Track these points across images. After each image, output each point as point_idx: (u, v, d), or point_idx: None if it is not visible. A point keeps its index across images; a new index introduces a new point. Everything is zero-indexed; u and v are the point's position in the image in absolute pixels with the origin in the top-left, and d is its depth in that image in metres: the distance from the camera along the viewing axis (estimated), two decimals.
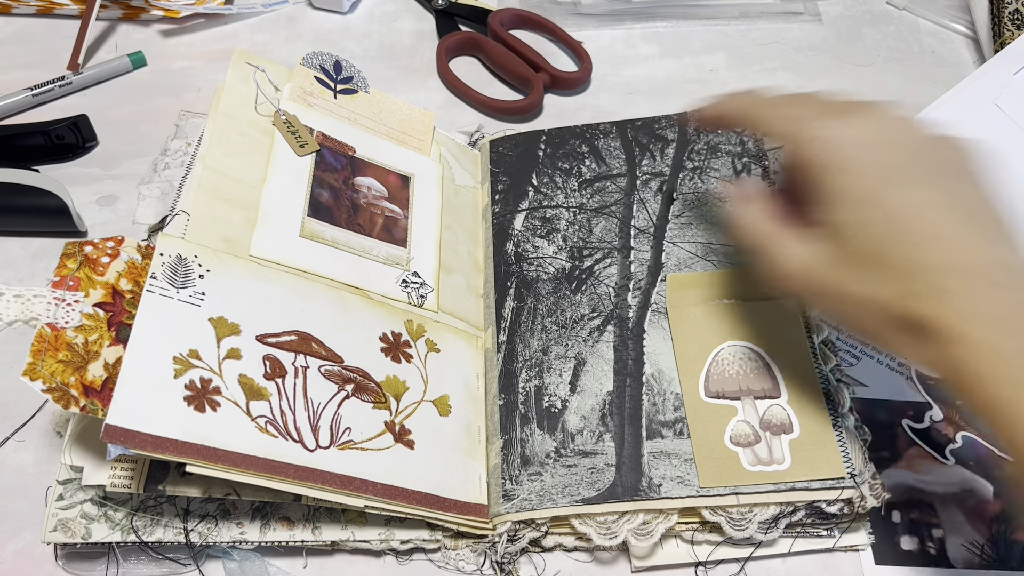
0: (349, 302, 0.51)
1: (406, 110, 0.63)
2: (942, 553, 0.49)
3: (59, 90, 0.71)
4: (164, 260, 0.46)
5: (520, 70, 0.72)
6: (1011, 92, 0.65)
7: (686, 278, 0.54)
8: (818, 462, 0.46)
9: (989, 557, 0.48)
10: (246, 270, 0.49)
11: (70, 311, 0.42)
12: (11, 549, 0.49)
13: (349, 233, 0.54)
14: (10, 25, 0.77)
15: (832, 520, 0.48)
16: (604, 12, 0.78)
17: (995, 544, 0.49)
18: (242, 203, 0.52)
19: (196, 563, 0.48)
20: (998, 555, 0.48)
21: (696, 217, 0.57)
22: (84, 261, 0.45)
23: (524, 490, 0.48)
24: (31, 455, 0.52)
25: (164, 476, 0.45)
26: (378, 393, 0.49)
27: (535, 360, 0.53)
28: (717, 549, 0.48)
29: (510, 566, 0.48)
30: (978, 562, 0.48)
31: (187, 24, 0.77)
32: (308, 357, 0.48)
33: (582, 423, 0.50)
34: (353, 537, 0.48)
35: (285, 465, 0.43)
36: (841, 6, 0.80)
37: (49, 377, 0.40)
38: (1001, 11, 0.71)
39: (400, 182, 0.59)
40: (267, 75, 0.58)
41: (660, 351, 0.52)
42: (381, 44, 0.77)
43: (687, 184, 0.58)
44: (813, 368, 0.49)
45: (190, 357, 0.44)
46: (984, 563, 0.48)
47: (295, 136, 0.56)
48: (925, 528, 0.49)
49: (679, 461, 0.48)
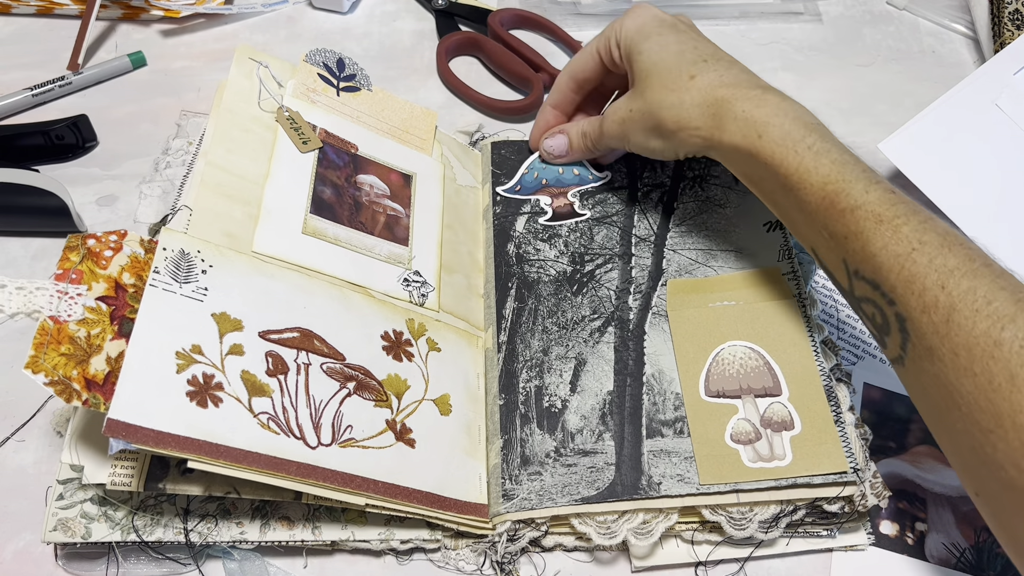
0: (351, 300, 0.51)
1: (408, 109, 0.63)
2: (919, 545, 0.49)
3: (59, 90, 0.71)
4: (167, 255, 0.46)
5: (520, 70, 0.72)
6: (1011, 92, 0.65)
7: (687, 283, 0.54)
8: (820, 457, 0.46)
9: (968, 562, 0.49)
10: (249, 266, 0.49)
11: (72, 304, 0.42)
12: (11, 549, 0.49)
13: (351, 231, 0.54)
14: (10, 25, 0.77)
15: (832, 519, 0.48)
16: (604, 12, 0.79)
17: (977, 551, 0.49)
18: (245, 199, 0.52)
19: (196, 563, 0.48)
20: (978, 562, 0.49)
21: (697, 224, 0.57)
22: (87, 254, 0.45)
23: (524, 490, 0.48)
24: (31, 455, 0.52)
25: (164, 474, 0.45)
26: (379, 391, 0.49)
27: (535, 360, 0.53)
28: (717, 549, 0.48)
29: (510, 566, 0.48)
30: (954, 563, 0.49)
31: (187, 24, 0.77)
32: (310, 354, 0.48)
33: (582, 422, 0.50)
34: (353, 537, 0.48)
35: (287, 462, 0.43)
36: (841, 6, 0.80)
37: (51, 370, 0.40)
38: (1001, 11, 0.71)
39: (402, 181, 0.59)
40: (270, 71, 0.58)
41: (660, 352, 0.52)
42: (381, 44, 0.77)
43: (688, 193, 0.59)
44: (815, 366, 0.49)
45: (192, 352, 0.44)
46: (960, 566, 0.49)
47: (298, 133, 0.56)
48: (909, 518, 0.50)
49: (679, 459, 0.48)
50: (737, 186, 0.58)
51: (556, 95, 0.60)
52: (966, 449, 0.38)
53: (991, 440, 0.36)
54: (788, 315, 0.52)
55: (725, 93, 0.48)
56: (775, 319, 0.52)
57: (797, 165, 0.44)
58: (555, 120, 0.61)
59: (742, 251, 0.55)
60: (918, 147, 0.64)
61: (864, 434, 0.48)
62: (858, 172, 0.43)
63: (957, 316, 0.37)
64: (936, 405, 0.39)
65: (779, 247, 0.55)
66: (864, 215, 0.41)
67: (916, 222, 0.40)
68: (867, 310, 0.43)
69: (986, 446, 0.36)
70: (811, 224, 0.45)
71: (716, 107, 0.48)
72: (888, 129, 0.65)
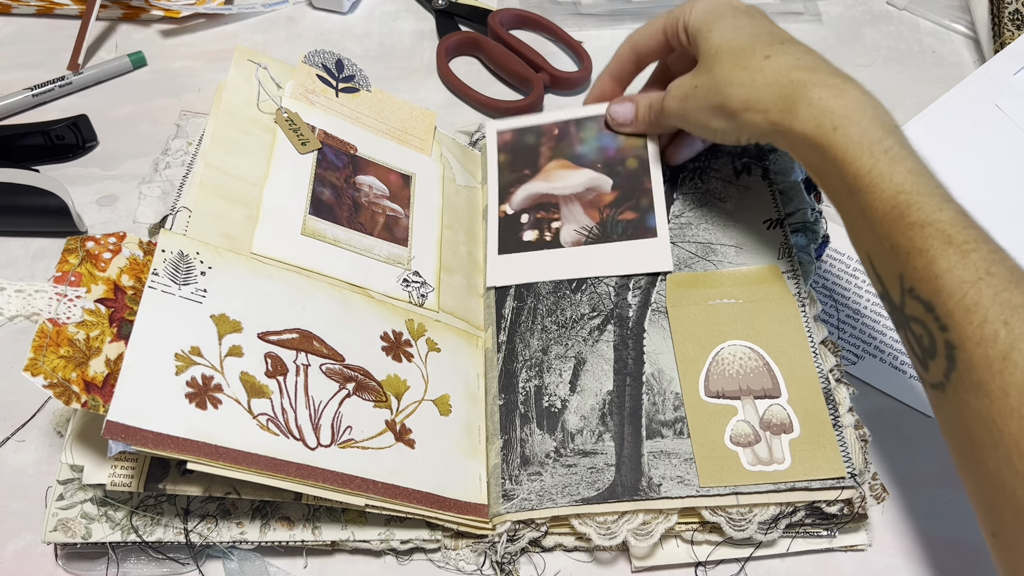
0: (350, 300, 0.51)
1: (407, 109, 0.63)
2: (555, 239, 0.57)
3: (59, 90, 0.71)
4: (166, 257, 0.46)
5: (520, 70, 0.72)
6: (1011, 92, 0.65)
7: (686, 277, 0.54)
8: (818, 462, 0.46)
9: (595, 237, 0.56)
10: (248, 267, 0.49)
11: (72, 307, 0.42)
12: (11, 549, 0.49)
13: (350, 232, 0.54)
14: (10, 25, 0.77)
15: (832, 520, 0.48)
16: (604, 12, 0.78)
17: (603, 226, 0.57)
18: (244, 200, 0.52)
19: (196, 563, 0.48)
20: (603, 233, 0.56)
21: (696, 217, 0.57)
22: (86, 257, 0.45)
23: (524, 490, 0.48)
24: (31, 455, 0.52)
25: (164, 475, 0.45)
26: (379, 392, 0.49)
27: (535, 360, 0.53)
28: (717, 549, 0.48)
29: (510, 566, 0.48)
30: (584, 241, 0.56)
31: (187, 24, 0.77)
32: (309, 355, 0.48)
33: (582, 423, 0.50)
34: (353, 537, 0.48)
35: (286, 463, 0.43)
36: (841, 6, 0.80)
37: (50, 373, 0.40)
38: (1001, 11, 0.71)
39: (401, 181, 0.59)
40: (269, 72, 0.58)
41: (660, 350, 0.52)
42: (381, 44, 0.77)
43: (687, 185, 0.58)
44: (814, 367, 0.49)
45: (192, 354, 0.44)
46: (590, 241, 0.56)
47: (297, 134, 0.56)
48: (546, 223, 0.58)
49: (679, 461, 0.48)
50: (737, 181, 0.58)
51: (615, 64, 0.59)
52: (994, 489, 0.37)
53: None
54: (788, 315, 0.52)
55: (802, 76, 0.45)
56: (775, 319, 0.52)
57: (871, 168, 0.41)
58: (611, 89, 0.60)
59: (742, 247, 0.55)
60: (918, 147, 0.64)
61: (863, 435, 0.48)
62: (933, 187, 0.41)
63: (1016, 355, 0.35)
64: (971, 439, 0.38)
65: (779, 245, 0.54)
66: (933, 233, 0.39)
67: (986, 251, 0.38)
68: (915, 330, 0.40)
69: (1018, 489, 0.35)
70: (872, 232, 0.42)
71: (790, 89, 0.45)
72: None
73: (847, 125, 0.43)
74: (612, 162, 0.59)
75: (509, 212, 0.59)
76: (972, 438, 0.37)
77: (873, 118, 0.43)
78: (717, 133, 0.50)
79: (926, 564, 0.49)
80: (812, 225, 0.56)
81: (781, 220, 0.55)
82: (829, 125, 0.43)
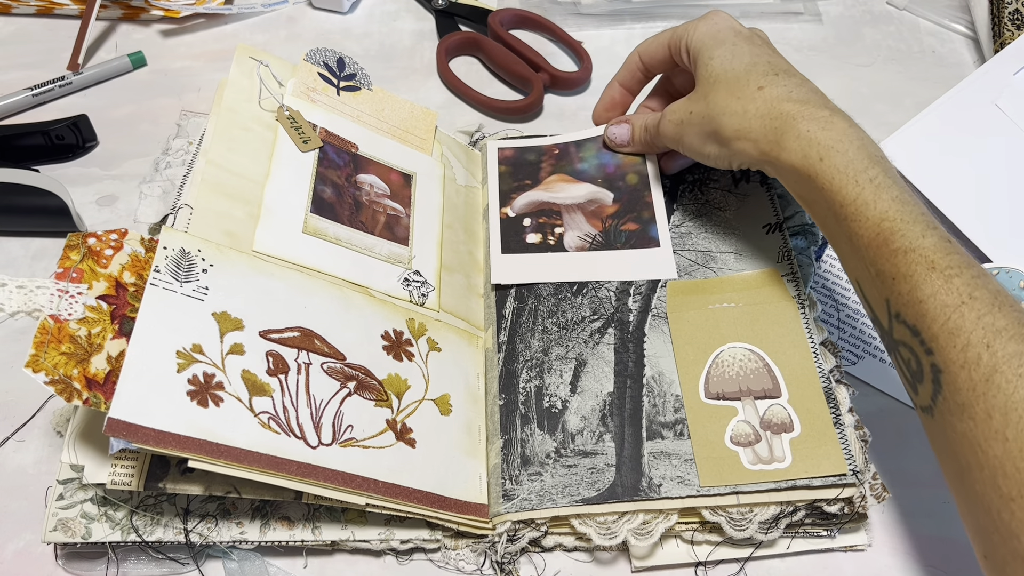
0: (351, 299, 0.51)
1: (408, 108, 0.63)
2: (559, 243, 0.58)
3: (59, 90, 0.71)
4: (167, 254, 0.46)
5: (520, 70, 0.72)
6: (1011, 92, 0.65)
7: (686, 285, 0.54)
8: (819, 459, 0.46)
9: (599, 244, 0.57)
10: (249, 265, 0.49)
11: (73, 303, 0.42)
12: (11, 549, 0.49)
13: (351, 230, 0.54)
14: (10, 25, 0.77)
15: (832, 520, 0.48)
16: (604, 12, 0.79)
17: (606, 234, 0.57)
18: (245, 198, 0.52)
19: (196, 563, 0.48)
20: (607, 241, 0.57)
21: (696, 227, 0.57)
22: (87, 253, 0.45)
23: (524, 490, 0.48)
24: (31, 455, 0.52)
25: (164, 474, 0.45)
26: (380, 391, 0.49)
27: (535, 360, 0.53)
28: (717, 549, 0.48)
29: (510, 566, 0.48)
30: (588, 247, 0.57)
31: (187, 24, 0.77)
32: (311, 354, 0.48)
33: (582, 423, 0.50)
34: (353, 537, 0.48)
35: (287, 462, 0.43)
36: (841, 6, 0.80)
37: (52, 369, 0.40)
38: (1001, 11, 0.71)
39: (402, 180, 0.59)
40: (271, 70, 0.58)
41: (660, 354, 0.52)
42: (381, 44, 0.77)
43: (687, 196, 0.59)
44: (814, 368, 0.49)
45: (193, 352, 0.44)
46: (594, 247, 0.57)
47: (298, 132, 0.56)
48: (549, 228, 0.58)
49: (679, 461, 0.48)
50: (736, 189, 0.58)
51: (624, 72, 0.60)
52: (981, 511, 0.37)
53: (1010, 508, 0.35)
54: (787, 317, 0.52)
55: (791, 109, 0.46)
56: (774, 321, 0.52)
57: (855, 196, 0.43)
58: (620, 96, 0.61)
59: (741, 253, 0.55)
60: (918, 147, 0.64)
61: (864, 435, 0.48)
62: (917, 214, 0.41)
63: (998, 378, 0.36)
64: (958, 462, 0.38)
65: (778, 249, 0.55)
66: (917, 259, 0.40)
67: (969, 276, 0.39)
68: (903, 354, 0.41)
69: (1003, 512, 0.35)
70: (859, 258, 0.43)
71: (780, 122, 0.46)
72: (888, 129, 0.65)
73: (833, 155, 0.44)
74: (612, 178, 0.60)
75: (511, 215, 0.59)
76: (960, 461, 0.38)
77: (859, 148, 0.44)
78: (710, 158, 0.51)
79: (926, 564, 0.49)
80: (811, 227, 0.56)
81: (780, 224, 0.56)
82: (815, 156, 0.44)
